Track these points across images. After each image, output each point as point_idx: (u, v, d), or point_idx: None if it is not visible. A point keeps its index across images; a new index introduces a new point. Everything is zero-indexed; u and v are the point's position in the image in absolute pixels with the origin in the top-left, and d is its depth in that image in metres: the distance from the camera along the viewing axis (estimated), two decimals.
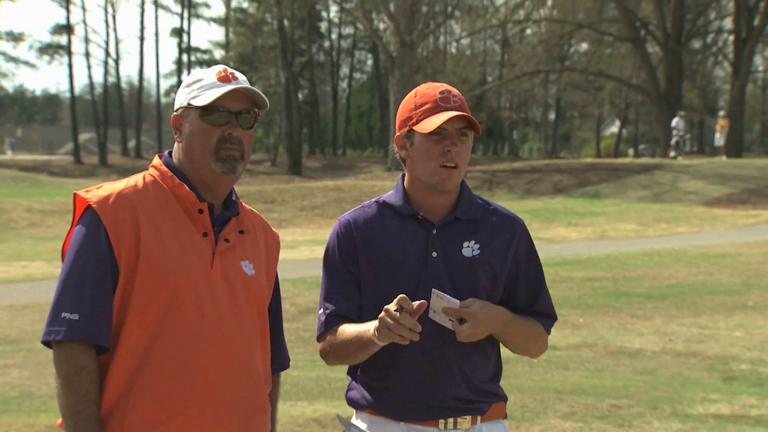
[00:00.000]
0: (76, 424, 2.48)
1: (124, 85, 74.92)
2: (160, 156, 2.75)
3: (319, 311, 2.91)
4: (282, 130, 53.81)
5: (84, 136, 75.62)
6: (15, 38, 63.52)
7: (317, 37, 67.18)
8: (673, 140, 35.83)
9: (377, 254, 2.85)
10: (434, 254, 2.84)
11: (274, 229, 2.92)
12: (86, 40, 62.30)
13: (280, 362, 2.88)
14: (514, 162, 43.55)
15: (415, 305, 2.58)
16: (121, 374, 2.54)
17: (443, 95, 2.83)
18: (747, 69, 42.80)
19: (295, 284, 13.21)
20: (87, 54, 62.54)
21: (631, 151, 60.96)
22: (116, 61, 64.00)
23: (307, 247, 19.04)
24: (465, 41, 64.39)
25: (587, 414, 6.90)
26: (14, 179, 41.76)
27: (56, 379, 2.52)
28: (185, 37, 66.83)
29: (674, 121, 35.85)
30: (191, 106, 2.65)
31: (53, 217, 24.54)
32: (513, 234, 2.91)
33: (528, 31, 53.38)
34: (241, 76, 2.70)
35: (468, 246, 2.86)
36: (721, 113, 39.22)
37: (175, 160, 2.71)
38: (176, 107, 2.71)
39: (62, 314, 2.50)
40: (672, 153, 35.62)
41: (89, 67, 63.77)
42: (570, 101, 66.99)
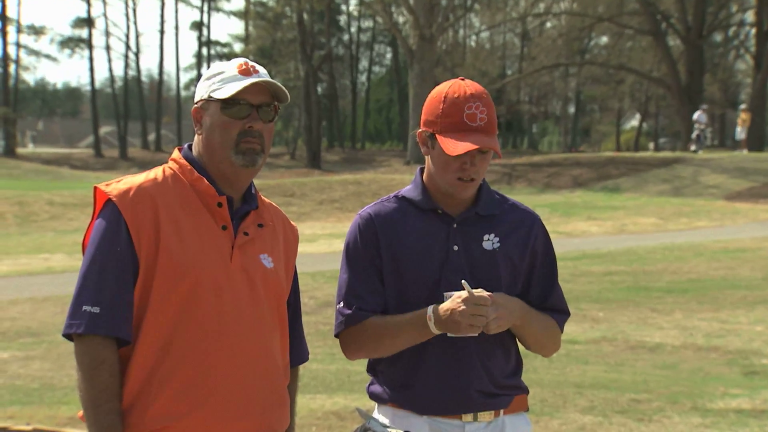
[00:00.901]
0: (97, 417, 2.49)
1: (145, 79, 75.21)
2: (180, 149, 2.74)
3: (339, 305, 2.87)
4: (301, 124, 53.86)
5: (104, 130, 75.98)
6: (36, 32, 63.89)
7: (336, 31, 67.17)
8: (694, 134, 35.60)
9: (399, 248, 2.85)
10: (455, 248, 2.85)
11: (293, 223, 2.92)
12: (107, 34, 62.76)
13: (299, 355, 2.88)
14: (534, 156, 43.41)
15: (477, 293, 2.67)
16: (142, 367, 2.54)
17: (470, 111, 2.76)
18: None
19: (315, 278, 13.23)
20: (108, 47, 62.99)
21: (652, 145, 60.61)
22: (136, 55, 64.37)
23: (326, 241, 19.06)
24: (484, 34, 64.21)
25: (607, 408, 6.88)
26: (36, 172, 42.05)
27: (77, 372, 2.52)
28: (205, 31, 67.07)
29: (696, 115, 35.60)
30: (212, 99, 2.64)
31: (74, 210, 24.67)
32: (531, 228, 2.92)
33: (548, 24, 53.22)
34: (262, 69, 2.69)
35: (488, 239, 2.87)
36: (743, 107, 38.89)
37: (195, 153, 2.70)
38: (196, 100, 2.70)
39: (83, 307, 2.51)
40: (693, 147, 35.38)
41: (110, 61, 63.90)
42: (590, 95, 66.71)
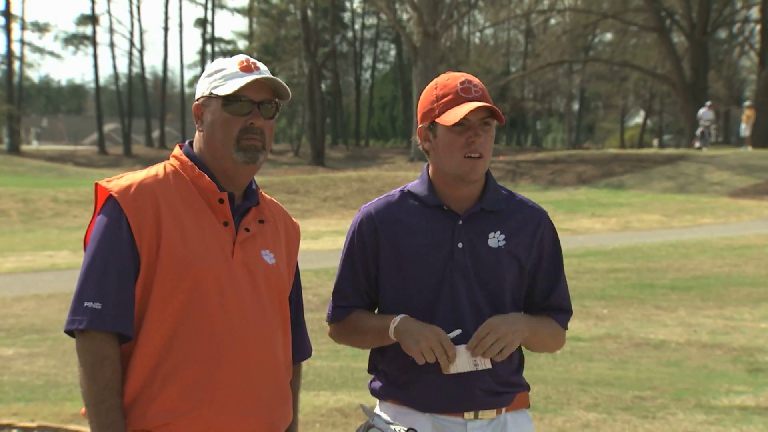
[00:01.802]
0: (99, 413, 2.48)
1: (149, 76, 75.34)
2: (181, 146, 2.74)
3: (331, 299, 2.96)
4: (305, 121, 53.83)
5: (108, 127, 76.09)
6: (40, 29, 63.95)
7: (340, 28, 67.16)
8: (699, 131, 35.53)
9: (401, 243, 2.84)
10: (460, 245, 2.83)
11: (294, 219, 2.92)
12: (111, 31, 62.75)
13: (302, 352, 2.88)
14: (538, 153, 43.40)
15: (451, 355, 2.68)
16: (144, 364, 2.54)
17: (464, 85, 2.80)
18: None
19: (318, 275, 13.23)
20: (112, 44, 62.97)
21: (656, 142, 60.55)
22: (141, 52, 64.37)
23: (330, 238, 19.06)
24: (488, 31, 64.23)
25: (611, 405, 6.87)
26: (40, 169, 42.11)
27: (79, 368, 2.52)
28: (209, 28, 67.14)
29: (701, 111, 35.52)
30: (213, 96, 2.64)
31: (78, 207, 24.70)
32: (538, 225, 2.90)
33: (552, 21, 53.16)
34: (263, 66, 2.68)
35: (494, 237, 2.84)
36: (747, 103, 38.83)
37: (196, 150, 2.70)
38: (198, 96, 2.69)
39: (85, 303, 2.50)
40: (697, 144, 35.33)
41: (114, 58, 64.16)
42: (594, 92, 66.64)
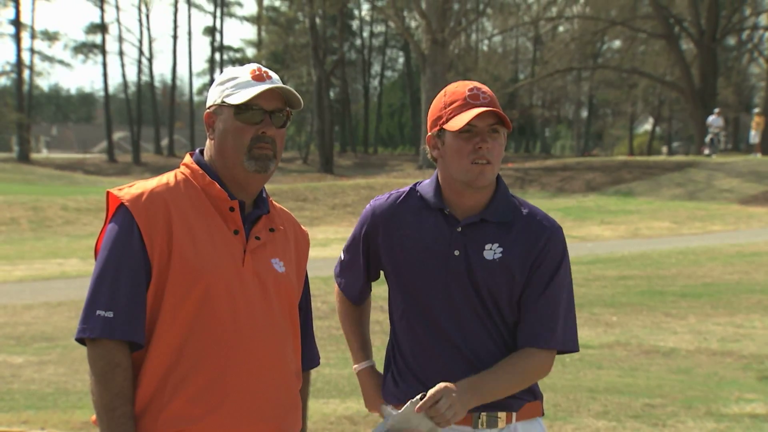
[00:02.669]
0: (111, 421, 2.49)
1: (158, 84, 75.50)
2: (191, 154, 2.74)
3: (335, 269, 3.18)
4: (313, 128, 53.93)
5: (118, 135, 76.32)
6: (50, 37, 64.14)
7: (349, 35, 67.27)
8: (708, 137, 35.47)
9: (401, 239, 2.87)
10: (456, 252, 2.81)
11: (304, 227, 2.92)
12: (120, 39, 63.00)
13: (311, 360, 2.88)
14: (547, 160, 43.36)
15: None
16: (155, 371, 2.55)
17: (472, 92, 2.80)
18: None
19: (327, 282, 13.21)
20: (121, 53, 63.21)
21: (665, 149, 60.46)
22: (150, 60, 64.56)
23: (339, 245, 19.03)
24: (497, 39, 64.22)
25: (621, 413, 6.85)
26: (50, 177, 42.23)
27: (90, 376, 2.52)
28: (218, 36, 67.38)
29: (710, 118, 35.46)
30: (225, 104, 2.64)
31: (88, 215, 24.75)
32: (541, 240, 2.81)
33: (561, 28, 53.13)
34: (275, 75, 2.69)
35: (490, 248, 2.81)
36: (757, 110, 38.76)
37: (207, 158, 2.71)
38: (209, 104, 2.69)
39: (97, 312, 2.51)
40: (707, 150, 35.27)
41: (123, 66, 64.19)
42: (603, 99, 66.57)
